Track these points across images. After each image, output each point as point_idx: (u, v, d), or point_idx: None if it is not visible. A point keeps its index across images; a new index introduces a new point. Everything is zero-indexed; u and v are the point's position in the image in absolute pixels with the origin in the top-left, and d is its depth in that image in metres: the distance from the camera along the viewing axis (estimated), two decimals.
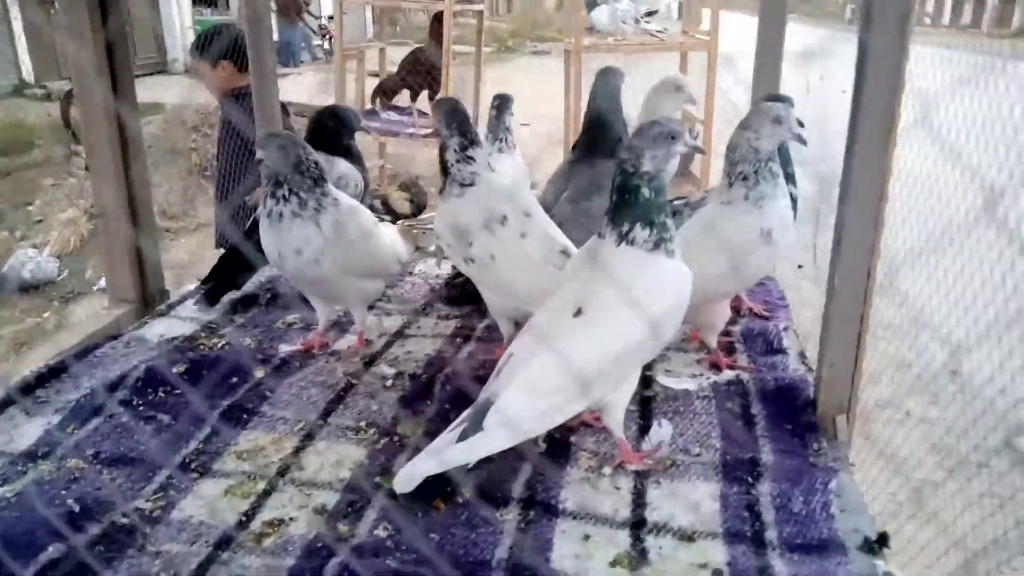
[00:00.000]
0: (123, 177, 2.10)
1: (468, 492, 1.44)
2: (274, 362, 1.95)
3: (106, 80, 2.01)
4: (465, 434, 1.40)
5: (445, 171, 1.83)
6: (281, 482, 1.50)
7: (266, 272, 2.48)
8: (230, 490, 1.48)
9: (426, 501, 1.40)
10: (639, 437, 1.63)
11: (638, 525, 1.38)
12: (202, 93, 4.62)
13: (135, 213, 2.17)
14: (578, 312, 1.44)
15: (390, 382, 1.86)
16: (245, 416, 1.72)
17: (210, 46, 3.24)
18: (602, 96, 2.17)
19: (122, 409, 1.73)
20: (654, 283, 1.45)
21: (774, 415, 1.67)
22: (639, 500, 1.44)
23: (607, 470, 1.53)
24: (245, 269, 2.32)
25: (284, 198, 1.82)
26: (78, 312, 5.37)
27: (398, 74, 6.13)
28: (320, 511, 1.41)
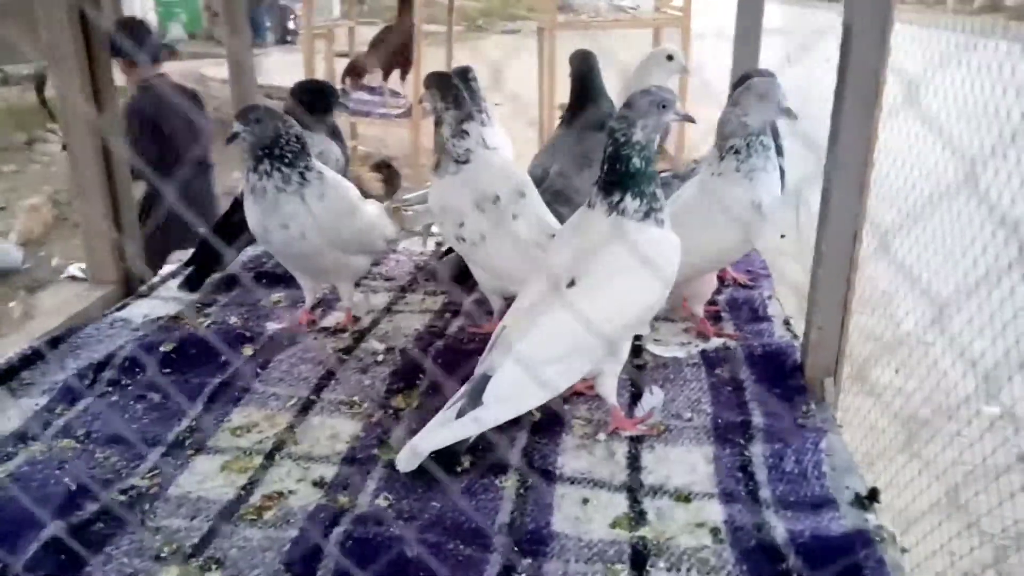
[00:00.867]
0: (101, 155, 2.06)
1: (466, 462, 1.45)
2: (262, 340, 1.93)
3: (83, 60, 1.96)
4: (464, 409, 1.41)
5: (441, 148, 1.81)
6: (278, 456, 1.50)
7: (248, 252, 2.46)
8: (226, 466, 1.48)
9: (427, 474, 1.41)
10: (631, 405, 1.65)
11: (635, 488, 1.40)
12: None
13: (114, 192, 2.13)
14: (571, 283, 1.45)
15: (381, 357, 1.86)
16: (236, 393, 1.71)
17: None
18: (588, 70, 2.17)
19: (110, 389, 1.71)
20: (645, 252, 1.46)
21: (763, 380, 1.70)
22: (634, 464, 1.47)
23: (602, 436, 1.55)
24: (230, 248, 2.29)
25: (267, 173, 1.80)
26: (46, 301, 5.24)
27: (368, 53, 6.05)
28: (319, 483, 1.42)
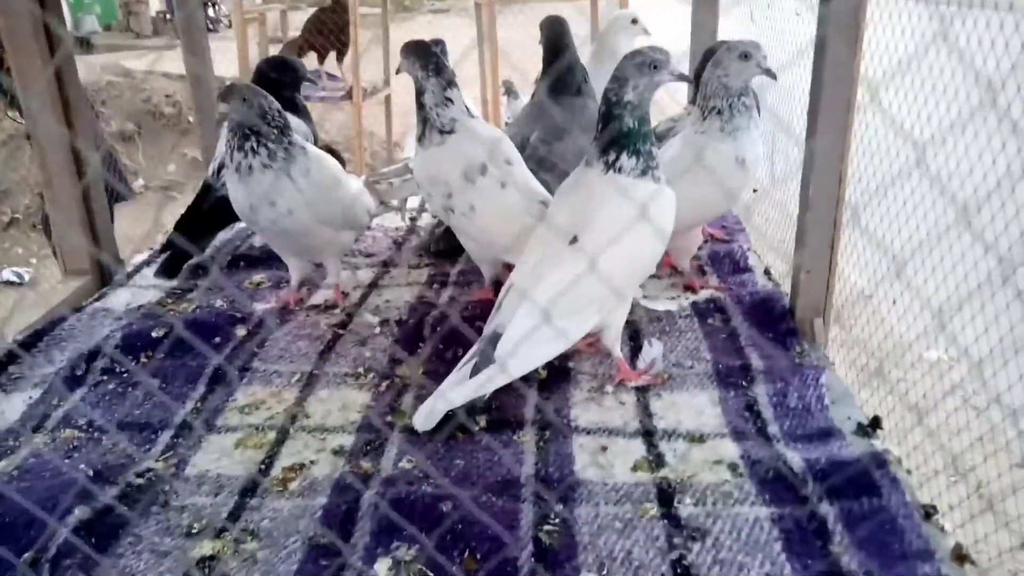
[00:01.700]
0: (67, 141, 1.99)
1: (482, 421, 1.48)
2: (253, 320, 1.91)
3: (44, 43, 1.89)
4: (478, 367, 1.43)
5: (423, 119, 1.80)
6: (292, 429, 1.50)
7: (221, 236, 2.41)
8: (241, 442, 1.47)
9: (446, 435, 1.43)
10: (632, 358, 1.69)
11: (649, 433, 1.45)
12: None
13: (83, 178, 2.07)
14: (574, 240, 1.48)
15: (377, 329, 1.87)
16: (238, 373, 1.69)
17: None
18: (559, 35, 2.18)
19: (105, 378, 1.68)
20: (644, 207, 1.50)
21: (754, 325, 1.77)
22: (645, 412, 1.52)
23: (609, 388, 1.59)
24: (205, 234, 2.25)
25: (253, 150, 1.78)
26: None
27: (302, 37, 5.92)
28: (339, 452, 1.42)
